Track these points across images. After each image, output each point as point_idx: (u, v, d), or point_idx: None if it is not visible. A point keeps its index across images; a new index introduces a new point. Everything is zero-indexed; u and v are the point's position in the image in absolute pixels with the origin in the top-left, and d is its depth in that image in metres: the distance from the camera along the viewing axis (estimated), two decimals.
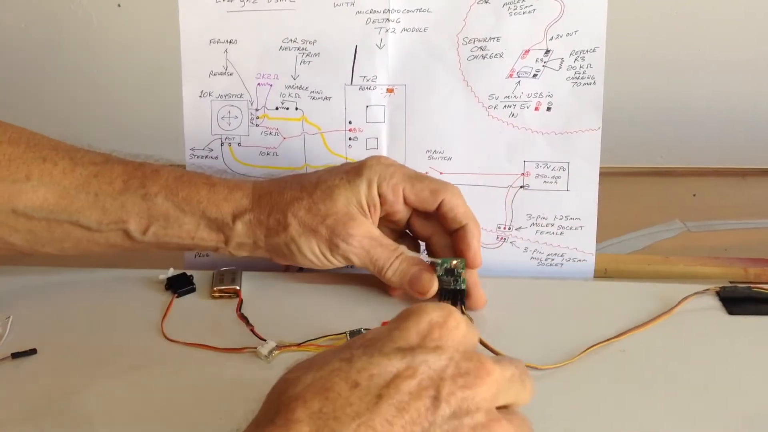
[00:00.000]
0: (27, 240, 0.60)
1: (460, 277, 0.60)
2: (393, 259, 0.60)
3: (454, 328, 0.39)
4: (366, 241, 0.60)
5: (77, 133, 0.65)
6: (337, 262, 0.61)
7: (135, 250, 0.63)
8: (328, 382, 0.37)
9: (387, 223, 0.63)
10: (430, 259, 0.61)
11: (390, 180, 0.60)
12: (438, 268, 0.60)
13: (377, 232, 0.61)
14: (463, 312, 0.58)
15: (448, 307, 0.40)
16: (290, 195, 0.61)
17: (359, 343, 0.39)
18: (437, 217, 0.62)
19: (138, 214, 0.60)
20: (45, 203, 0.59)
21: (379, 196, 0.60)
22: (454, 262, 0.60)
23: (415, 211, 0.62)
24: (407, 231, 0.65)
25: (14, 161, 0.59)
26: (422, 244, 0.65)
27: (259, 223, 0.61)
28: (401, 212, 0.62)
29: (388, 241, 0.61)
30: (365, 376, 0.37)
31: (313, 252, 0.60)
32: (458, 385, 0.37)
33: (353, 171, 0.61)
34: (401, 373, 0.37)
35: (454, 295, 0.59)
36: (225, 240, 0.62)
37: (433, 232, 0.63)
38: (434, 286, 0.59)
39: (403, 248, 0.61)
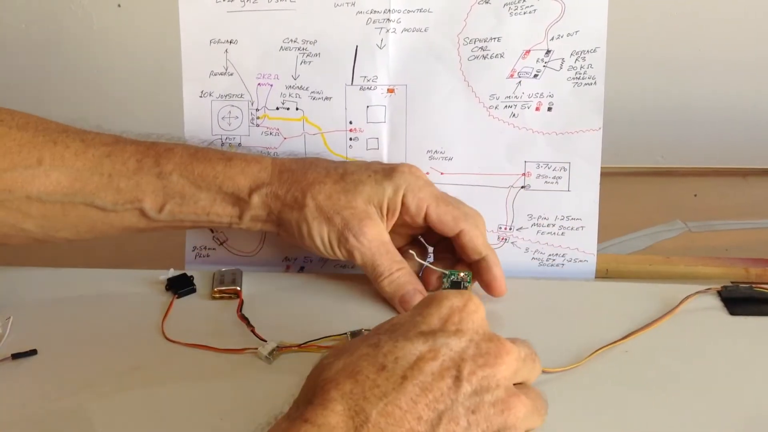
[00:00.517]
0: (41, 226, 0.60)
1: (466, 291, 0.59)
2: (394, 270, 0.60)
3: (474, 312, 0.42)
4: (375, 243, 0.60)
5: None
6: (339, 255, 0.61)
7: (149, 230, 0.62)
8: (357, 366, 0.40)
9: (400, 230, 0.63)
10: (438, 270, 0.61)
11: (418, 193, 0.60)
12: (445, 280, 0.61)
13: (387, 238, 0.60)
14: None
15: (467, 293, 0.43)
16: (313, 176, 0.61)
17: (385, 328, 0.42)
18: (455, 244, 0.61)
19: (153, 192, 0.60)
20: (59, 187, 0.59)
21: (402, 205, 0.60)
22: (462, 274, 0.61)
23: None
24: (419, 237, 0.65)
25: (25, 146, 0.58)
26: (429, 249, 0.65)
27: (276, 197, 0.61)
28: (419, 227, 0.62)
29: (395, 251, 0.61)
30: (391, 359, 0.40)
31: (321, 238, 0.60)
32: (478, 365, 0.40)
33: (383, 172, 0.61)
34: (424, 356, 0.40)
35: None
36: (239, 214, 0.62)
37: (439, 239, 0.63)
38: None
39: (405, 264, 0.61)
